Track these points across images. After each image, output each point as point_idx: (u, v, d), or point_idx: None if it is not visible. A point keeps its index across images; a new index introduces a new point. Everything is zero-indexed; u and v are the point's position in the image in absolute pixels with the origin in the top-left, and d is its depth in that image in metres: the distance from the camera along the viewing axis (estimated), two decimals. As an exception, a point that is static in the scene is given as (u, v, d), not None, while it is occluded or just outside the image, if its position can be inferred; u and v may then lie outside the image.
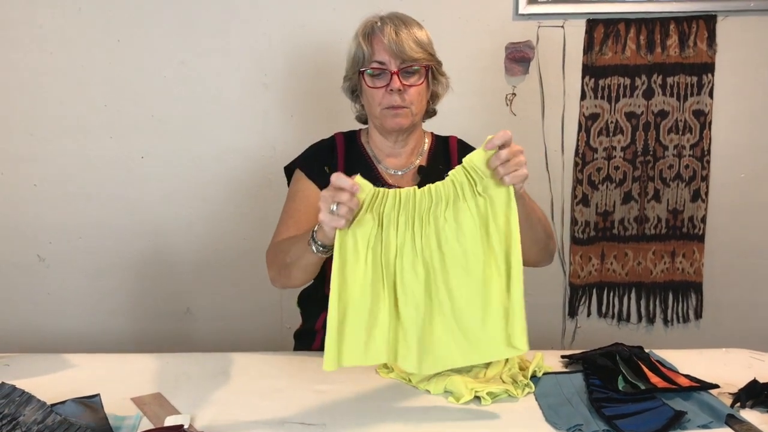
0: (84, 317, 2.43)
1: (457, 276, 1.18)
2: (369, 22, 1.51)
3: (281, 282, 1.47)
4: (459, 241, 1.18)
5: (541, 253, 1.49)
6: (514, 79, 2.35)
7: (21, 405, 1.06)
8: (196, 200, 2.38)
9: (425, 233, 1.19)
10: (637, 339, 2.41)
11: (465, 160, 1.19)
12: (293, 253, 1.37)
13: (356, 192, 1.14)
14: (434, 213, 1.19)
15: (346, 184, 1.13)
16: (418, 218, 1.19)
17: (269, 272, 1.50)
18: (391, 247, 1.19)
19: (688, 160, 2.38)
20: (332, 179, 1.14)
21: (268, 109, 2.35)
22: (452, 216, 1.19)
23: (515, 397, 1.23)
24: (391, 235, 1.19)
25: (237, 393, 1.26)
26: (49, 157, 2.34)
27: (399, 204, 1.19)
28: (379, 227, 1.19)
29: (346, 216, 1.15)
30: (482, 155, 1.18)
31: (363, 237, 1.18)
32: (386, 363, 1.27)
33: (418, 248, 1.19)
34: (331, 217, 1.15)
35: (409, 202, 1.19)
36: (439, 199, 1.19)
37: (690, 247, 2.42)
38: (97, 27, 2.28)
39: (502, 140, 1.16)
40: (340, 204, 1.14)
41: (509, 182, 1.17)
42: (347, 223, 1.16)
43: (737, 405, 1.18)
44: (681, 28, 2.31)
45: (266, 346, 1.65)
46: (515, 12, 2.30)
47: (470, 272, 1.18)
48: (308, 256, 1.31)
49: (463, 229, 1.19)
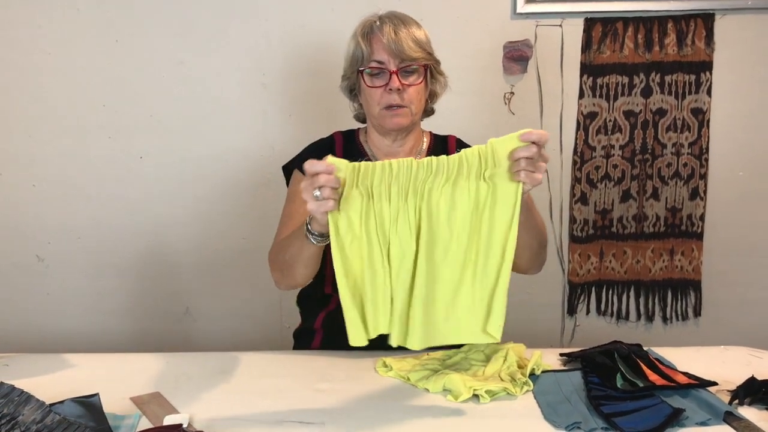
0: (83, 317, 2.43)
1: (441, 255, 1.18)
2: (368, 22, 1.51)
3: (286, 282, 1.47)
4: (449, 220, 1.18)
5: (531, 261, 1.47)
6: (512, 78, 2.35)
7: (20, 404, 1.06)
8: (196, 200, 2.38)
9: (417, 205, 1.19)
10: (636, 337, 2.41)
11: (491, 141, 1.18)
12: (292, 250, 1.37)
13: (332, 171, 1.15)
14: (430, 186, 1.18)
15: (321, 167, 1.14)
16: (411, 189, 1.19)
17: (273, 275, 1.50)
18: (385, 217, 1.19)
19: (686, 158, 2.38)
20: (305, 167, 1.15)
21: (267, 109, 2.35)
22: (449, 192, 1.18)
23: (514, 395, 1.23)
24: (384, 207, 1.19)
25: (236, 392, 1.26)
26: (48, 157, 2.34)
27: (390, 176, 1.18)
28: (369, 201, 1.19)
29: (331, 197, 1.15)
30: (511, 143, 1.17)
31: (355, 213, 1.18)
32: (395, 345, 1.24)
33: (411, 219, 1.19)
34: (317, 204, 1.15)
35: (403, 172, 1.18)
36: (439, 172, 1.18)
37: (689, 245, 2.43)
38: (96, 27, 2.28)
39: (538, 137, 1.16)
40: (322, 188, 1.14)
41: (523, 180, 1.17)
42: (335, 204, 1.16)
43: (735, 402, 1.19)
44: (679, 27, 2.31)
45: (266, 345, 1.65)
46: (513, 11, 2.31)
47: (451, 253, 1.18)
48: (307, 248, 1.31)
49: (456, 208, 1.18)
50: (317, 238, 1.27)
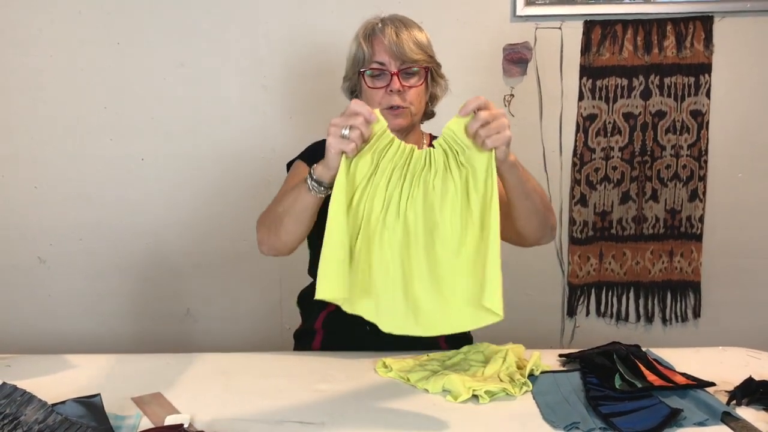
0: (85, 318, 2.44)
1: (438, 245, 1.18)
2: (370, 24, 1.52)
3: (270, 241, 1.43)
4: (441, 212, 1.18)
5: (541, 227, 1.43)
6: (511, 81, 2.36)
7: (22, 405, 1.06)
8: (196, 202, 2.39)
9: (413, 195, 1.19)
10: (636, 338, 2.41)
11: (444, 129, 1.19)
12: (286, 201, 1.36)
13: (372, 121, 1.15)
14: (424, 178, 1.19)
15: (364, 110, 1.14)
16: (409, 178, 1.19)
17: (258, 234, 1.45)
18: (378, 196, 1.19)
19: (685, 160, 2.39)
20: (351, 104, 1.15)
21: (268, 111, 2.36)
22: (439, 185, 1.19)
23: (513, 395, 1.23)
24: (381, 186, 1.19)
25: (237, 392, 1.26)
26: (50, 159, 2.35)
27: (399, 157, 1.19)
28: (374, 172, 1.19)
29: (356, 141, 1.14)
30: (459, 122, 1.18)
31: (360, 173, 1.18)
32: (371, 323, 1.21)
33: (402, 208, 1.19)
34: (340, 141, 1.15)
35: (408, 158, 1.19)
36: (431, 165, 1.19)
37: (688, 247, 2.43)
38: (97, 30, 2.29)
39: (476, 104, 1.16)
40: (353, 128, 1.14)
41: (491, 145, 1.16)
42: (355, 148, 1.15)
43: (733, 402, 1.19)
44: (678, 29, 2.32)
45: (266, 346, 1.65)
46: (513, 13, 2.32)
47: (450, 244, 1.18)
48: (303, 198, 1.30)
49: (447, 200, 1.18)
50: (316, 185, 1.26)
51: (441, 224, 1.19)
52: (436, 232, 1.19)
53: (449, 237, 1.19)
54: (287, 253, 1.46)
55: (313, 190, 1.27)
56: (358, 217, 1.19)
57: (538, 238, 1.47)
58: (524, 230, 1.41)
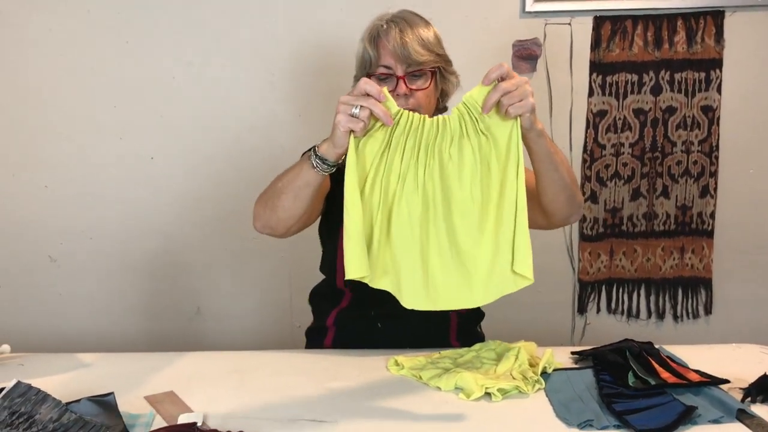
0: (95, 317, 2.45)
1: (459, 216, 1.18)
2: (374, 26, 1.49)
3: (264, 216, 1.41)
4: (461, 181, 1.18)
5: (569, 202, 1.40)
6: (521, 77, 2.34)
7: (37, 403, 1.07)
8: (206, 200, 2.39)
9: (429, 165, 1.19)
10: (647, 335, 2.40)
11: (465, 96, 1.18)
12: (287, 177, 1.35)
13: (383, 100, 1.15)
14: (439, 147, 1.19)
15: (374, 90, 1.14)
16: (423, 148, 1.19)
17: (254, 209, 1.44)
18: (393, 171, 1.19)
19: (696, 156, 2.38)
20: (360, 83, 1.15)
21: (276, 109, 2.36)
22: (456, 153, 1.18)
23: (526, 393, 1.23)
24: (396, 160, 1.19)
25: (249, 391, 1.27)
26: (60, 158, 2.36)
27: (409, 128, 1.18)
28: (386, 148, 1.19)
29: (365, 120, 1.15)
30: (482, 91, 1.17)
31: (371, 153, 1.18)
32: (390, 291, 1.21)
33: (420, 180, 1.18)
34: (349, 119, 1.15)
35: (418, 128, 1.19)
36: (445, 133, 1.18)
37: (699, 243, 2.42)
38: (106, 28, 2.30)
39: (498, 73, 1.16)
40: (363, 108, 1.14)
41: (514, 113, 1.16)
42: (364, 127, 1.15)
43: (748, 400, 1.18)
44: (688, 24, 2.31)
45: (276, 345, 1.65)
46: (522, 10, 2.31)
47: (471, 213, 1.18)
48: (305, 174, 1.29)
49: (465, 168, 1.18)
50: (320, 162, 1.25)
51: (461, 196, 1.18)
52: (455, 203, 1.18)
53: (469, 209, 1.18)
54: (281, 232, 1.43)
55: (317, 167, 1.27)
56: (375, 195, 1.18)
57: (566, 216, 1.44)
58: (552, 206, 1.39)
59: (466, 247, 1.18)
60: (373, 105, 1.14)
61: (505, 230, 1.17)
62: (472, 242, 1.18)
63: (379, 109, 1.15)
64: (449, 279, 1.19)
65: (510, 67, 1.17)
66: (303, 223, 1.44)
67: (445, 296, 1.19)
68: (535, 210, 1.39)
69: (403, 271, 1.19)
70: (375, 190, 1.19)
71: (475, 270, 1.18)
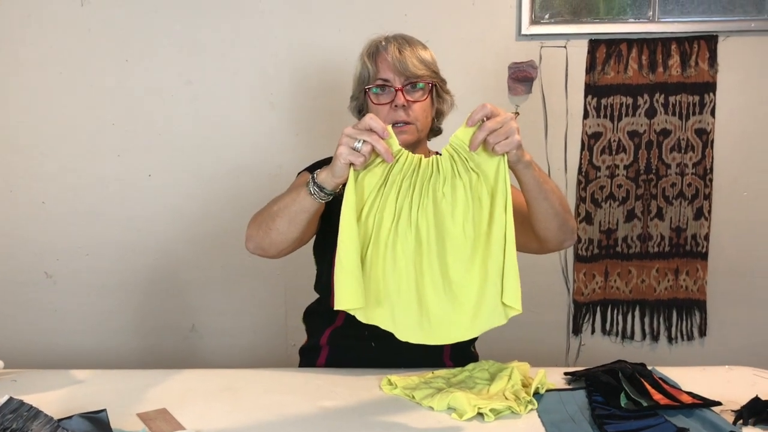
0: (90, 334, 2.44)
1: (452, 252, 1.20)
2: (374, 43, 1.53)
3: (257, 238, 1.42)
4: (453, 218, 1.20)
5: (562, 229, 1.41)
6: (517, 99, 2.37)
7: (29, 420, 1.06)
8: (203, 218, 2.40)
9: (423, 204, 1.20)
10: (642, 356, 2.40)
11: (451, 138, 1.20)
12: (283, 201, 1.36)
13: (386, 137, 1.16)
14: (434, 185, 1.21)
15: (378, 127, 1.16)
16: (418, 187, 1.21)
17: (247, 230, 1.45)
18: (388, 208, 1.20)
19: (690, 179, 2.39)
20: (366, 118, 1.17)
21: (274, 128, 2.38)
22: (450, 191, 1.20)
23: (518, 413, 1.23)
24: (391, 197, 1.20)
25: (242, 409, 1.27)
26: (58, 174, 2.37)
27: (407, 168, 1.21)
28: (383, 184, 1.21)
29: (366, 155, 1.16)
30: (467, 132, 1.19)
31: (368, 186, 1.20)
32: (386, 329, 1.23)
33: (413, 218, 1.20)
34: (351, 152, 1.16)
35: (416, 169, 1.21)
36: (439, 172, 1.21)
37: (693, 265, 2.43)
38: (106, 47, 2.32)
39: (482, 113, 1.17)
40: (366, 143, 1.16)
41: (501, 150, 1.17)
42: (364, 161, 1.17)
43: (739, 422, 1.18)
44: (683, 49, 2.33)
45: (271, 363, 1.65)
46: (518, 32, 2.33)
47: (463, 249, 1.19)
48: (301, 200, 1.30)
49: (458, 205, 1.20)
50: (318, 190, 1.26)
51: (453, 232, 1.20)
52: (449, 240, 1.20)
53: (462, 244, 1.20)
54: (272, 254, 1.44)
55: (314, 194, 1.28)
56: (368, 229, 1.21)
57: (560, 242, 1.45)
58: (545, 233, 1.41)
59: (458, 281, 1.20)
60: (376, 141, 1.16)
61: (495, 263, 1.19)
62: (463, 276, 1.20)
63: (381, 145, 1.17)
64: (443, 313, 1.21)
65: (494, 106, 1.18)
66: (295, 246, 1.45)
67: (438, 331, 1.21)
68: (528, 235, 1.41)
69: (398, 305, 1.21)
70: (368, 224, 1.21)
71: (468, 302, 1.20)
